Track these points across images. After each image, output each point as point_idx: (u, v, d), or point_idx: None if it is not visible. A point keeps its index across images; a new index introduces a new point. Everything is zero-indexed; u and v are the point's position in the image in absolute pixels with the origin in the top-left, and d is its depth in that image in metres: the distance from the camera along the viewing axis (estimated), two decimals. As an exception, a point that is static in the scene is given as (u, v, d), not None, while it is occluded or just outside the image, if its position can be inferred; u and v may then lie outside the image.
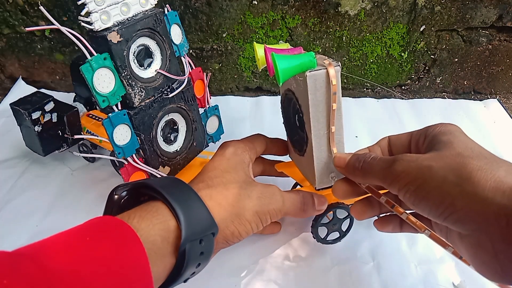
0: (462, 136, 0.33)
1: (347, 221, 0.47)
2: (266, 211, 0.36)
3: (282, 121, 0.47)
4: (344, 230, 0.48)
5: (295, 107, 0.41)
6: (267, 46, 0.37)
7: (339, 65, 0.35)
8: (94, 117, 0.58)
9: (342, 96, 0.37)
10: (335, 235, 0.48)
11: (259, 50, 0.37)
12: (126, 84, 0.44)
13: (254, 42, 0.39)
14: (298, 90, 0.38)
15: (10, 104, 0.52)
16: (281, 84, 0.36)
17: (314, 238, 0.47)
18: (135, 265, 0.26)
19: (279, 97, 0.46)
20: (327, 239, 0.48)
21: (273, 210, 0.36)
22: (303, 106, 0.38)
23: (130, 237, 0.27)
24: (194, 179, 0.38)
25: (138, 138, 0.46)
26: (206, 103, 0.56)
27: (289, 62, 0.34)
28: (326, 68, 0.35)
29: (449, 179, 0.29)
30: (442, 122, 0.35)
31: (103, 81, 0.42)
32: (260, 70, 0.47)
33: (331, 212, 0.45)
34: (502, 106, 0.73)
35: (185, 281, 0.32)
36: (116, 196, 0.32)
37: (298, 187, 0.48)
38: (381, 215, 0.40)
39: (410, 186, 0.31)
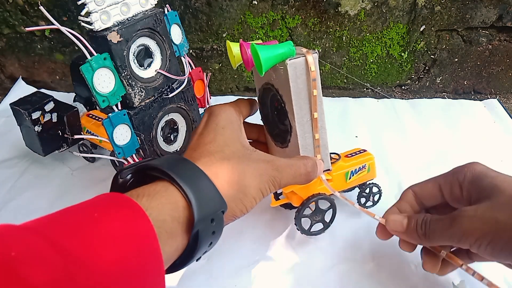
0: (495, 174, 0.35)
1: (330, 212, 0.47)
2: (268, 187, 0.36)
3: (260, 118, 0.46)
4: (327, 221, 0.47)
5: (274, 98, 0.41)
6: (242, 41, 0.38)
7: (316, 53, 0.37)
8: (94, 117, 0.58)
9: (342, 96, 0.38)
10: (319, 226, 0.48)
11: (234, 48, 0.39)
12: (126, 84, 0.44)
13: (228, 41, 0.40)
14: (279, 79, 0.39)
15: (10, 104, 0.52)
16: (263, 74, 0.37)
17: (298, 230, 0.47)
18: (145, 243, 0.25)
19: None
20: (311, 230, 0.47)
21: (273, 186, 0.36)
22: (284, 96, 0.39)
23: (138, 215, 0.26)
24: (192, 152, 0.36)
25: (138, 138, 0.46)
26: (206, 103, 0.56)
27: (270, 51, 0.36)
28: (305, 56, 0.36)
29: None
30: (466, 164, 0.38)
31: (103, 81, 0.42)
32: (235, 68, 0.48)
33: (313, 203, 0.45)
34: (502, 106, 0.73)
35: (197, 260, 0.32)
36: (121, 180, 0.31)
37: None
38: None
39: (482, 240, 0.33)
